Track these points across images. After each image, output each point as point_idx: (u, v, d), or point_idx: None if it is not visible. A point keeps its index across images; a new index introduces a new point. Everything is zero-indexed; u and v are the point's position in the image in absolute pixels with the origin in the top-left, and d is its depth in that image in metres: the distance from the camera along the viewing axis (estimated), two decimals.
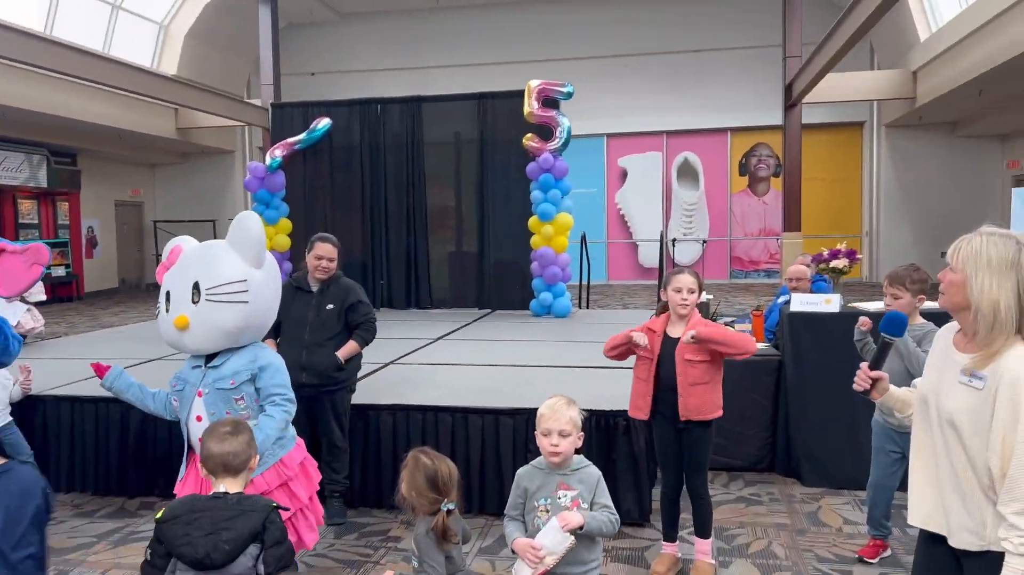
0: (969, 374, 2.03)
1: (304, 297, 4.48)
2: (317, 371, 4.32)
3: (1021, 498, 1.90)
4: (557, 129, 8.68)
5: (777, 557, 3.94)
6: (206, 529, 2.20)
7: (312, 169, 9.84)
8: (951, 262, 2.10)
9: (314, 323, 4.40)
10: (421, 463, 2.54)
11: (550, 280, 8.57)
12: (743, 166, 19.34)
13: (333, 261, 4.48)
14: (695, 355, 3.54)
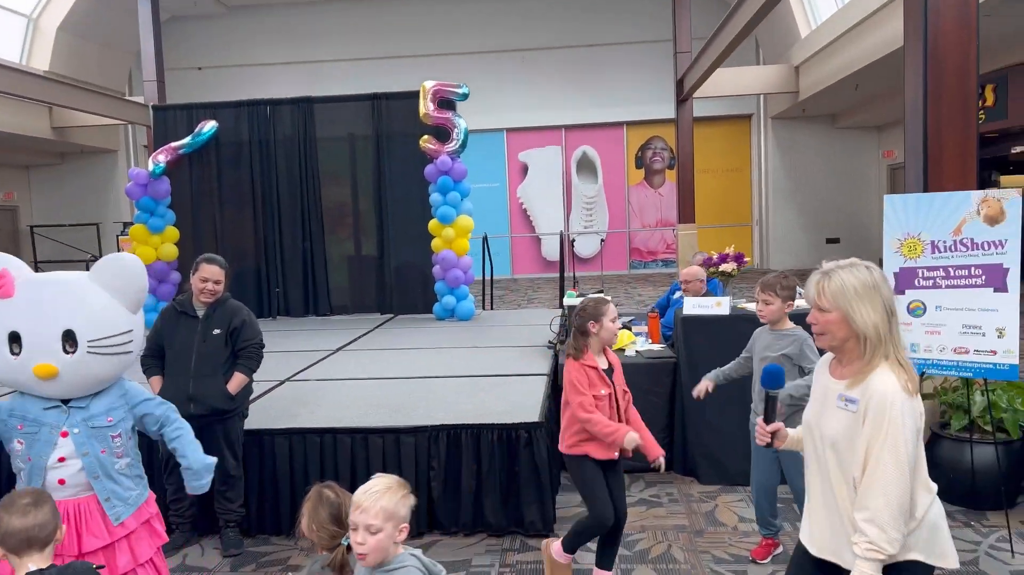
0: (844, 399, 2.15)
1: (189, 322, 4.28)
2: (205, 402, 4.15)
3: (870, 507, 2.04)
4: (454, 131, 8.60)
5: (676, 561, 4.04)
6: None
7: (199, 174, 9.41)
8: (818, 303, 2.18)
9: (200, 351, 4.22)
10: (325, 497, 2.46)
11: (452, 283, 8.51)
12: (639, 159, 19.75)
13: (220, 283, 4.28)
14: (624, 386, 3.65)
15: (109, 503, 2.81)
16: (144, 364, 4.31)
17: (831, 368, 2.27)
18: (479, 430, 4.39)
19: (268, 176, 9.45)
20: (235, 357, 4.29)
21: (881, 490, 2.03)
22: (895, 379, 2.08)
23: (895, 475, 2.02)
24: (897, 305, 2.19)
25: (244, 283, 9.46)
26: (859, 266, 2.17)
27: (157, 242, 8.90)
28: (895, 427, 2.03)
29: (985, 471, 4.41)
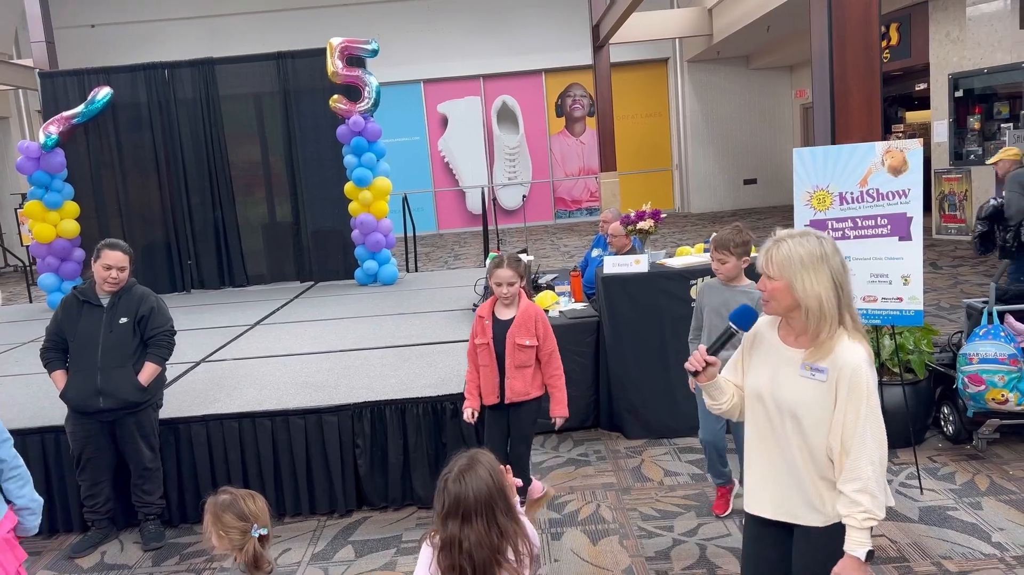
0: (810, 368, 2.17)
1: (93, 312, 4.07)
2: (116, 396, 3.98)
3: (860, 478, 2.09)
4: (365, 89, 8.31)
5: (605, 521, 4.10)
6: None
7: (96, 144, 8.86)
8: (766, 271, 2.19)
9: (107, 342, 4.02)
10: (221, 503, 2.40)
11: (373, 247, 8.32)
12: (559, 107, 19.63)
13: (124, 270, 4.06)
14: (525, 339, 3.72)
15: None
16: (45, 358, 4.11)
17: (781, 334, 2.28)
18: (404, 405, 4.33)
19: (171, 142, 8.98)
20: (145, 346, 4.11)
21: (868, 460, 2.09)
22: (861, 349, 2.13)
23: (877, 444, 2.10)
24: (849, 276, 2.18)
25: (154, 257, 9.06)
26: (810, 236, 2.18)
27: (56, 218, 8.39)
28: (872, 398, 2.11)
29: (894, 411, 4.58)
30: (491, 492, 2.04)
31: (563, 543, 3.89)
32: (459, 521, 2.01)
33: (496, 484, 2.06)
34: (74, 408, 4.04)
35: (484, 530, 2.01)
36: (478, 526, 2.01)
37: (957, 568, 3.39)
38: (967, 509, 3.91)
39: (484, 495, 2.02)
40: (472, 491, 2.02)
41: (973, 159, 11.57)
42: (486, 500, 2.02)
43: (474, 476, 2.04)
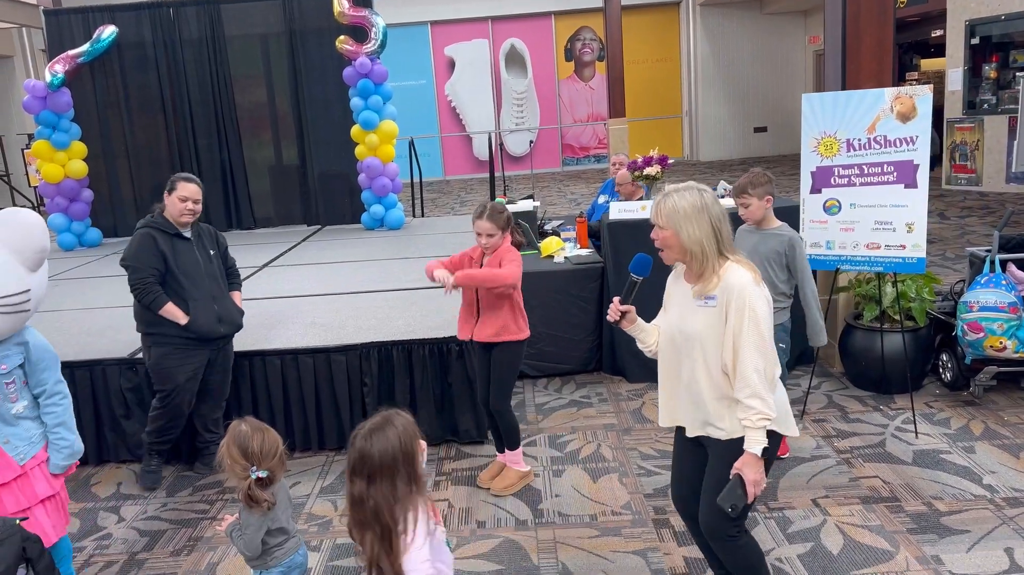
0: (703, 298, 2.47)
1: (185, 245, 4.05)
2: (231, 320, 4.16)
3: (748, 384, 2.38)
4: (372, 30, 8.21)
5: (606, 459, 4.21)
6: None
7: (102, 83, 8.83)
8: (657, 222, 2.48)
9: (208, 272, 4.12)
10: (239, 431, 2.50)
11: (380, 192, 8.32)
12: (568, 51, 19.34)
13: (199, 203, 4.03)
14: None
15: (10, 446, 2.77)
16: (152, 292, 3.92)
17: (685, 276, 2.58)
18: (411, 346, 4.41)
19: (177, 82, 8.93)
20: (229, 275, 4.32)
21: (753, 367, 2.37)
22: (744, 273, 2.42)
23: (761, 352, 2.38)
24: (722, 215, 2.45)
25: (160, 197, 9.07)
26: (692, 190, 2.46)
27: (64, 158, 8.41)
28: (754, 312, 2.37)
29: (893, 358, 4.66)
30: (395, 455, 2.02)
31: (564, 480, 4.00)
32: (364, 479, 2.01)
33: (403, 448, 2.04)
34: (201, 336, 4.02)
35: (387, 492, 2.01)
36: (381, 487, 2.00)
37: (947, 508, 3.49)
38: (960, 453, 4.00)
39: (388, 457, 2.01)
40: (378, 451, 2.01)
41: (987, 108, 11.42)
42: (389, 462, 2.01)
43: (382, 436, 2.03)
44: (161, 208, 4.05)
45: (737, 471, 2.41)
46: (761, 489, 2.43)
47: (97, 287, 6.53)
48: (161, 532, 3.77)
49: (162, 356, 4.04)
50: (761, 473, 2.42)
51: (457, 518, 3.71)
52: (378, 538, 2.00)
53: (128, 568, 3.48)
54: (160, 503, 4.07)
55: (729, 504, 2.41)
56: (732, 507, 2.41)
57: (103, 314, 5.49)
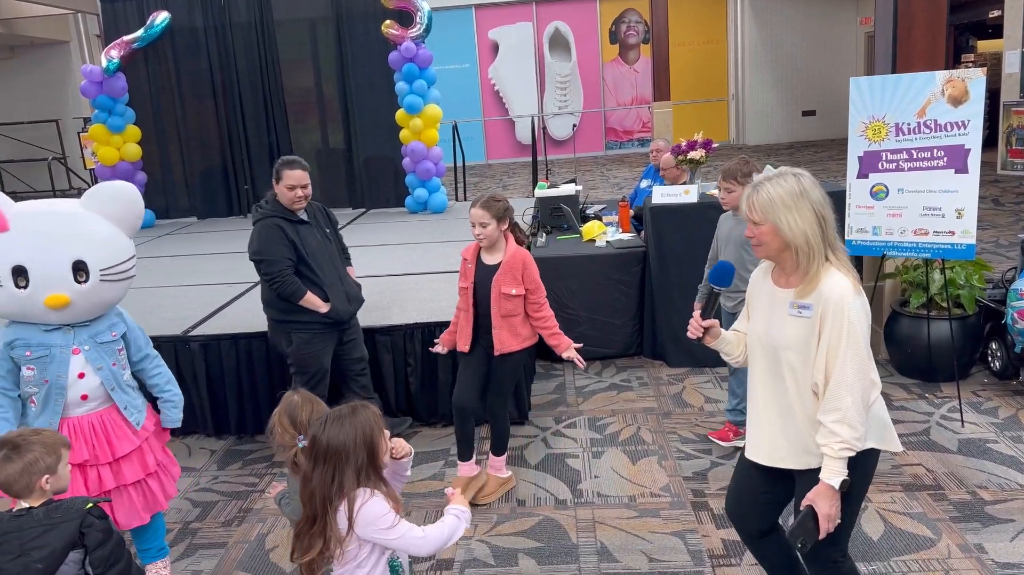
0: (797, 307, 2.20)
1: (307, 229, 4.02)
2: (356, 297, 4.23)
3: (839, 408, 2.11)
4: (417, 14, 8.26)
5: (645, 442, 4.24)
6: (14, 552, 2.08)
7: (156, 68, 9.04)
8: (751, 217, 2.23)
9: (331, 253, 4.14)
10: (291, 401, 2.56)
11: (424, 175, 8.40)
12: (613, 34, 19.16)
13: (308, 186, 3.95)
14: (511, 287, 3.51)
15: (128, 411, 3.00)
16: (292, 284, 3.89)
17: (774, 277, 2.32)
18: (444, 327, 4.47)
19: (227, 66, 9.10)
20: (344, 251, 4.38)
21: (847, 390, 2.10)
22: (846, 281, 2.14)
23: (858, 374, 2.11)
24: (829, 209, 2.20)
25: (211, 181, 9.32)
26: (786, 176, 2.20)
27: (119, 142, 8.65)
28: (853, 328, 2.11)
29: (940, 345, 4.59)
30: (347, 447, 2.05)
31: (603, 461, 4.05)
32: (311, 461, 2.08)
33: (361, 441, 2.06)
34: (339, 319, 4.04)
35: (327, 479, 2.04)
36: (323, 472, 2.05)
37: (992, 497, 3.45)
38: (1007, 442, 3.94)
39: (337, 446, 2.05)
40: (327, 438, 2.06)
41: None
42: (336, 451, 2.05)
43: (341, 425, 2.07)
44: (273, 194, 3.95)
45: (810, 502, 2.15)
46: (835, 525, 2.16)
47: (150, 267, 6.72)
48: (213, 503, 3.92)
49: (305, 343, 4.02)
50: (836, 507, 2.14)
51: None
52: (307, 520, 2.07)
53: (183, 536, 3.62)
54: (211, 476, 4.22)
55: (799, 540, 2.17)
56: (802, 543, 2.17)
57: (157, 293, 5.67)
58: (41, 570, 2.08)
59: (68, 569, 2.13)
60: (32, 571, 2.07)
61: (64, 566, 2.12)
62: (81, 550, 2.15)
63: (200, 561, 3.41)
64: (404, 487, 3.86)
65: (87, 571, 2.16)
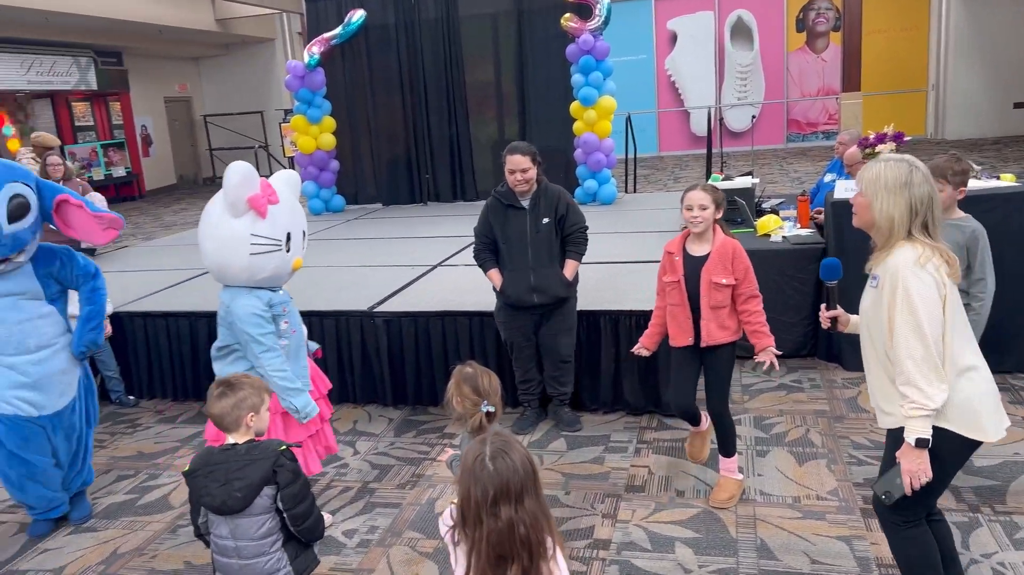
0: (871, 277, 2.43)
1: (517, 214, 4.21)
2: (545, 290, 4.21)
3: (902, 372, 2.29)
4: (596, 7, 8.34)
5: (814, 444, 4.11)
6: (220, 480, 2.41)
7: (351, 63, 9.71)
8: (859, 185, 2.44)
9: (535, 242, 4.20)
10: (465, 374, 2.71)
11: (594, 167, 8.49)
12: (800, 22, 18.29)
13: (527, 171, 4.12)
14: (722, 277, 3.44)
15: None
16: (480, 258, 4.34)
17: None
18: (617, 316, 4.54)
19: (414, 61, 9.60)
20: (563, 243, 4.29)
21: (906, 354, 2.26)
22: (910, 252, 2.30)
23: (914, 336, 2.25)
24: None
25: (396, 170, 9.89)
26: (904, 163, 2.37)
27: (316, 132, 9.39)
28: (907, 293, 2.26)
29: None
30: (528, 468, 1.83)
31: (767, 460, 3.97)
32: (511, 504, 1.78)
33: (530, 458, 1.86)
34: (511, 304, 4.29)
35: (535, 509, 1.81)
36: (529, 505, 1.80)
37: None
38: None
39: (526, 473, 1.82)
40: (518, 470, 1.80)
41: None
42: (531, 477, 1.83)
43: (511, 455, 1.83)
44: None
45: (899, 459, 2.34)
46: (921, 482, 2.30)
47: (341, 248, 7.28)
48: (389, 467, 4.23)
49: (496, 311, 4.46)
50: (920, 465, 2.29)
51: (656, 485, 3.81)
52: (523, 570, 1.79)
53: (361, 495, 3.94)
54: (388, 442, 4.54)
55: (883, 491, 2.37)
56: (886, 494, 2.37)
57: (347, 271, 6.13)
58: (240, 498, 2.40)
59: (263, 502, 2.43)
60: (233, 498, 2.40)
61: (259, 498, 2.42)
62: (274, 486, 2.43)
63: (376, 518, 3.70)
64: (567, 467, 4.02)
65: (279, 506, 2.45)
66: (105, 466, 4.47)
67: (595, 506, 3.65)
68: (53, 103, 16.94)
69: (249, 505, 2.41)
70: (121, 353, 5.38)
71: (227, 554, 2.48)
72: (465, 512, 1.82)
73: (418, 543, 3.47)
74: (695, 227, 3.49)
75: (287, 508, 2.45)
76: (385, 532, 3.57)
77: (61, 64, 16.05)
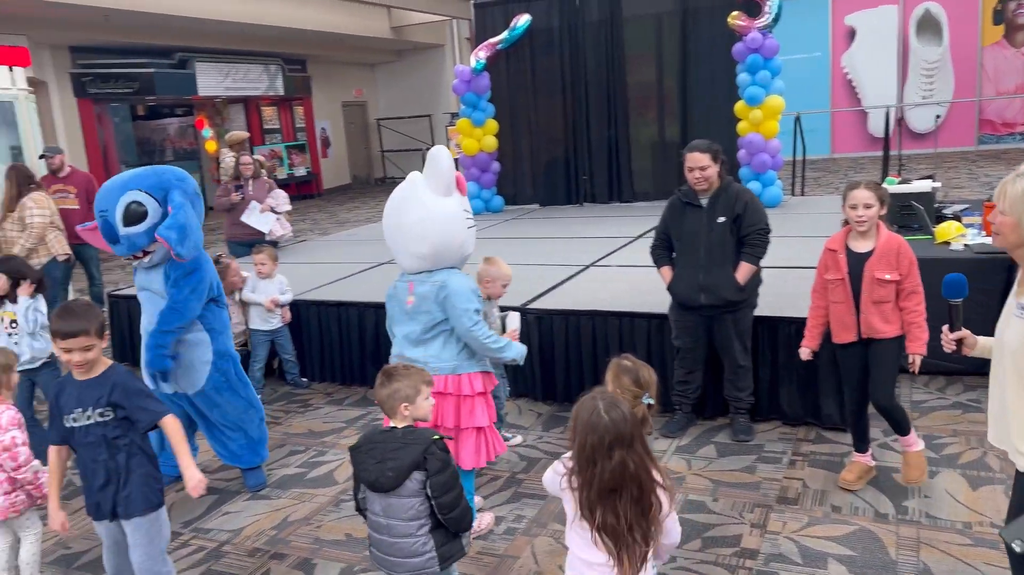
0: (1020, 307, 2.18)
1: (694, 212, 4.17)
2: (716, 293, 4.12)
3: None
4: (767, 3, 8.07)
5: (991, 469, 3.80)
6: (377, 458, 2.58)
7: (515, 67, 9.94)
8: (999, 205, 2.19)
9: (708, 241, 4.12)
10: (623, 366, 2.72)
11: (759, 168, 8.21)
12: (998, 14, 16.76)
13: (706, 169, 4.05)
14: (886, 273, 3.42)
15: None
16: (654, 255, 4.39)
17: (1019, 277, 2.26)
18: (775, 322, 4.40)
19: (576, 63, 9.69)
20: (740, 245, 4.15)
21: None
22: None
23: None
24: None
25: (554, 171, 10.04)
26: None
27: (479, 134, 9.70)
28: None
29: None
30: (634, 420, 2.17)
31: (936, 482, 3.71)
32: (624, 447, 2.12)
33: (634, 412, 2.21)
34: (678, 302, 4.29)
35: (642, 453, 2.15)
36: (637, 449, 2.14)
37: None
38: None
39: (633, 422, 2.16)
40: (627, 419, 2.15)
41: None
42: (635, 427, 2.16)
43: (620, 408, 2.17)
44: None
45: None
46: None
47: (497, 247, 7.45)
48: (537, 460, 4.32)
49: (669, 310, 4.40)
50: None
51: (811, 498, 3.67)
52: (633, 499, 2.12)
53: (509, 484, 4.06)
54: (537, 435, 4.64)
55: (1012, 539, 2.11)
56: (1018, 541, 2.09)
57: None
58: (391, 478, 2.54)
59: (412, 485, 2.55)
60: (385, 477, 2.55)
61: (409, 481, 2.55)
62: (423, 472, 2.55)
63: (523, 508, 3.81)
64: (715, 474, 3.95)
65: (427, 493, 2.56)
66: (279, 441, 4.86)
67: (743, 515, 3.57)
68: (246, 108, 18.51)
69: (399, 486, 2.55)
70: (297, 338, 5.82)
71: (379, 530, 2.64)
72: (580, 458, 2.15)
73: (562, 536, 3.51)
74: (860, 227, 3.47)
75: (434, 495, 2.55)
76: (531, 522, 3.66)
77: (253, 71, 17.49)
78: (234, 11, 13.90)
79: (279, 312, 5.53)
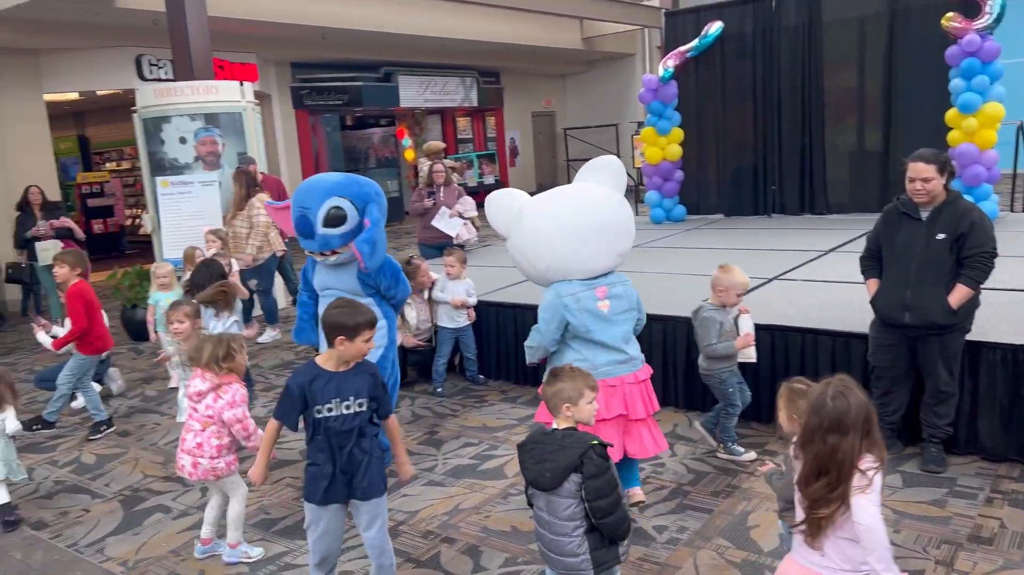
0: None
1: (912, 225, 3.89)
2: (922, 314, 3.85)
3: None
4: (987, 3, 7.40)
5: None
6: (537, 458, 2.67)
7: (704, 75, 9.78)
8: None
9: (923, 257, 3.84)
10: (795, 388, 2.66)
11: (971, 181, 7.52)
12: None
13: (929, 181, 3.75)
14: None
15: None
16: (863, 265, 4.20)
17: None
18: (979, 347, 4.05)
19: (769, 70, 9.36)
20: (960, 266, 3.83)
21: None
22: None
23: None
24: None
25: (741, 180, 9.75)
26: None
27: (664, 143, 9.63)
28: None
29: None
30: (862, 415, 2.19)
31: None
32: (838, 433, 2.18)
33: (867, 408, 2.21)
34: (880, 318, 4.07)
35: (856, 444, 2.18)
36: (852, 439, 2.18)
37: None
38: None
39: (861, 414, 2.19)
40: (853, 407, 2.19)
41: None
42: (863, 419, 2.19)
43: (849, 397, 2.20)
44: None
45: None
46: None
47: (676, 256, 7.41)
48: (705, 473, 4.26)
49: (871, 326, 4.16)
50: None
51: (1008, 540, 3.35)
52: (829, 483, 2.19)
53: (675, 495, 4.03)
54: (706, 449, 4.56)
55: None
56: None
57: (677, 279, 6.25)
58: (548, 478, 2.62)
59: (569, 486, 2.61)
60: (543, 476, 2.64)
61: (567, 483, 2.61)
62: (580, 475, 2.60)
63: (687, 519, 3.77)
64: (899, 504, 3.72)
65: (583, 496, 2.61)
66: (455, 432, 5.12)
67: (928, 550, 3.33)
68: (443, 118, 19.50)
69: (557, 487, 2.62)
70: (477, 337, 6.08)
71: (542, 525, 2.74)
72: (804, 434, 2.26)
73: (726, 551, 3.47)
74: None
75: (589, 499, 2.59)
76: (694, 534, 3.63)
77: (451, 84, 18.37)
78: (434, 26, 14.74)
79: (466, 311, 5.84)
